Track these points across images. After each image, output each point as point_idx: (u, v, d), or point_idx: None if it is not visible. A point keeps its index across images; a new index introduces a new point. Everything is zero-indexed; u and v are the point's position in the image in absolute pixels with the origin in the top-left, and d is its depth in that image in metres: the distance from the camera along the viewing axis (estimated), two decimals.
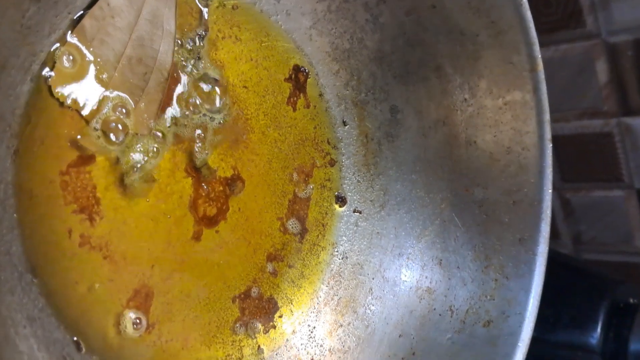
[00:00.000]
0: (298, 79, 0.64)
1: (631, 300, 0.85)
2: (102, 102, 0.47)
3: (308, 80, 0.65)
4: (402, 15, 0.62)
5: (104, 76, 0.46)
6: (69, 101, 0.45)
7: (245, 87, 0.59)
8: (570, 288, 0.88)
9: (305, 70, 0.64)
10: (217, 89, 0.57)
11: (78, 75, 0.46)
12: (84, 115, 0.46)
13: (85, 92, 0.46)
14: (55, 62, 0.45)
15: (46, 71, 0.45)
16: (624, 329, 0.82)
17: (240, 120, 0.59)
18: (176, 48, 0.51)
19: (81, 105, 0.46)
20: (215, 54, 0.57)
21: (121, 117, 0.47)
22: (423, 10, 0.61)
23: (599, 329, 0.83)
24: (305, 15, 0.62)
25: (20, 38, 0.43)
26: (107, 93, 0.46)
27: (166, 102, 0.49)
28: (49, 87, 0.45)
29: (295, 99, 0.64)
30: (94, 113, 0.47)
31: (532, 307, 0.59)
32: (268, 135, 0.62)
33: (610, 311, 0.83)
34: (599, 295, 0.85)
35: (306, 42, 0.64)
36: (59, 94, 0.45)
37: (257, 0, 0.60)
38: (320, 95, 0.66)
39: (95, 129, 0.47)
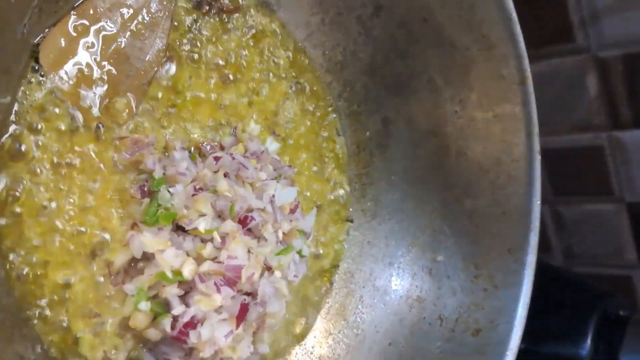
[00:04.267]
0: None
1: (621, 313, 0.85)
2: (80, 78, 0.47)
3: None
4: (395, 28, 0.63)
5: (94, 57, 0.46)
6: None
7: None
8: (561, 300, 0.88)
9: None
10: None
11: (69, 49, 0.46)
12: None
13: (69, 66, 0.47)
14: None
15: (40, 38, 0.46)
16: (614, 341, 0.83)
17: None
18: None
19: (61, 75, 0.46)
20: None
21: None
22: (415, 24, 0.62)
23: (589, 341, 0.83)
24: (299, 28, 0.63)
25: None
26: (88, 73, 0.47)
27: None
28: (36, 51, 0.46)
29: None
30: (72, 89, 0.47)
31: (521, 317, 0.60)
32: None
33: (601, 323, 0.83)
34: (589, 308, 0.85)
35: None
36: (44, 59, 0.46)
37: None
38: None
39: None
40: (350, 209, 0.69)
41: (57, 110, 0.47)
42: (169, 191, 0.49)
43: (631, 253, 1.00)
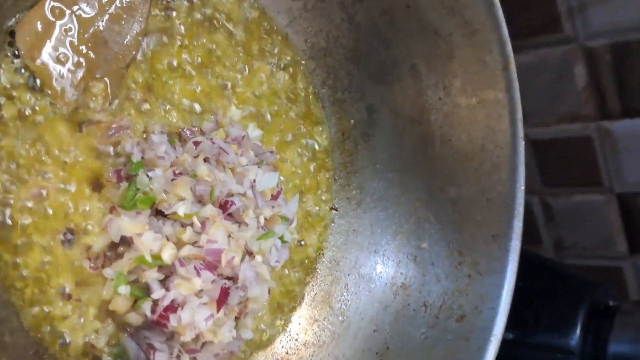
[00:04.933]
0: None
1: (610, 303, 0.85)
2: (56, 62, 0.47)
3: None
4: (377, 14, 0.63)
5: (71, 41, 0.46)
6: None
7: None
8: (550, 291, 0.88)
9: None
10: None
11: (46, 33, 0.46)
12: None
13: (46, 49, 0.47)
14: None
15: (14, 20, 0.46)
16: (603, 331, 0.82)
17: None
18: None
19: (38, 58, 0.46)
20: None
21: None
22: (398, 10, 0.62)
23: (578, 331, 0.83)
24: (281, 14, 0.63)
25: None
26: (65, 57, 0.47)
27: None
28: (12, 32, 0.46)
29: None
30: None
31: (505, 302, 0.60)
32: None
33: (590, 313, 0.83)
34: (578, 298, 0.85)
35: None
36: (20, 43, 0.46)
37: None
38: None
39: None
40: (335, 197, 0.69)
41: (32, 93, 0.47)
42: (147, 175, 0.49)
43: (621, 244, 1.00)
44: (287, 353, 0.64)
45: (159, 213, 0.50)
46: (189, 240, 0.49)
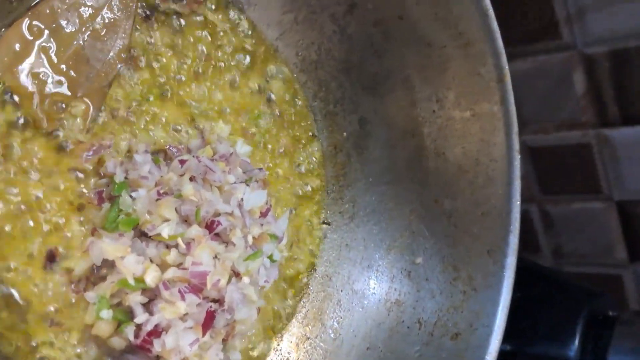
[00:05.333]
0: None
1: (610, 313, 0.85)
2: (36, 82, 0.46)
3: None
4: (370, 26, 0.62)
5: (51, 59, 0.45)
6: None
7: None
8: (548, 300, 0.88)
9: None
10: None
11: (24, 52, 0.45)
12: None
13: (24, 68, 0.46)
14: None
15: None
16: (602, 341, 0.82)
17: None
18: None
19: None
20: None
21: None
22: (390, 22, 0.61)
23: (577, 342, 0.82)
24: (271, 27, 0.62)
25: None
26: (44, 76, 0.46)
27: None
28: None
29: None
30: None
31: (500, 320, 0.59)
32: None
33: (589, 323, 0.83)
34: (577, 308, 0.84)
35: None
36: None
37: None
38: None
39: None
40: (328, 212, 0.68)
41: (10, 115, 0.46)
42: (130, 196, 0.48)
43: (621, 252, 1.00)
44: None
45: (142, 234, 0.49)
46: (173, 262, 0.48)
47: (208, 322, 0.48)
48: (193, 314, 0.47)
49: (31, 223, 0.47)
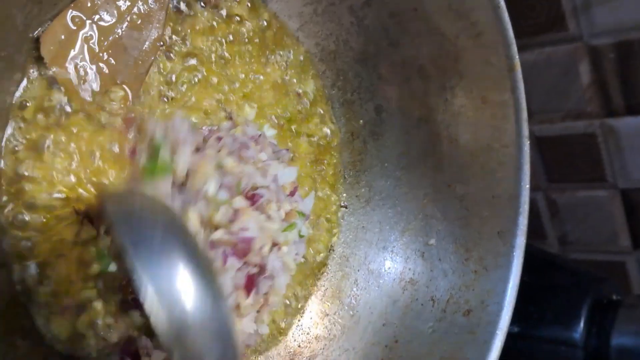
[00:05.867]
0: None
1: (614, 297, 0.86)
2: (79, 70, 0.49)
3: None
4: (386, 18, 0.64)
5: (92, 48, 0.48)
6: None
7: None
8: (555, 285, 0.89)
9: None
10: None
11: (69, 42, 0.47)
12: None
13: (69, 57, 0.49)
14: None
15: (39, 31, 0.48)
16: (607, 324, 0.83)
17: None
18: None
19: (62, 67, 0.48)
20: None
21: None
22: (405, 13, 0.63)
23: (582, 325, 0.84)
24: (292, 18, 0.65)
25: None
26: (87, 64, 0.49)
27: None
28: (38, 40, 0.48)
29: None
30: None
31: (510, 297, 0.61)
32: None
33: (593, 307, 0.84)
34: (582, 292, 0.86)
35: None
36: (45, 52, 0.47)
37: None
38: None
39: None
40: (345, 195, 0.70)
41: (56, 99, 0.49)
42: (170, 156, 0.48)
43: (625, 239, 1.01)
44: (299, 346, 0.65)
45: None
46: (219, 223, 0.48)
47: (249, 286, 0.49)
48: (231, 277, 0.49)
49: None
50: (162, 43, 0.52)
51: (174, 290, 0.36)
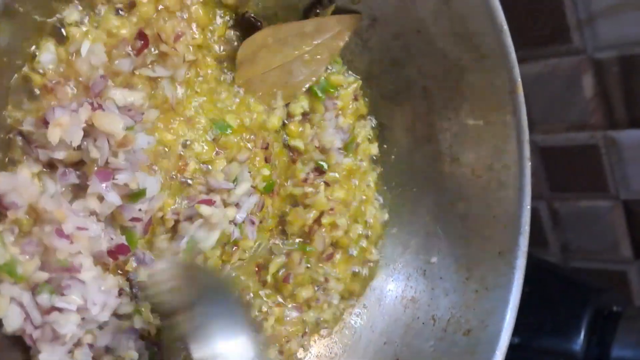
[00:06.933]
0: None
1: (614, 308, 0.87)
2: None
3: None
4: (389, 39, 0.64)
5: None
6: None
7: None
8: (555, 295, 0.90)
9: None
10: None
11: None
12: None
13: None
14: None
15: None
16: (607, 336, 0.84)
17: None
18: None
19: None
20: None
21: None
22: (409, 35, 0.63)
23: (582, 336, 0.84)
24: None
25: None
26: None
27: None
28: None
29: None
30: None
31: (510, 317, 0.62)
32: None
33: (594, 318, 0.85)
34: (582, 303, 0.86)
35: None
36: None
37: None
38: None
39: None
40: None
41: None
42: None
43: (626, 249, 1.02)
44: None
45: None
46: None
47: None
48: None
49: None
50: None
51: None
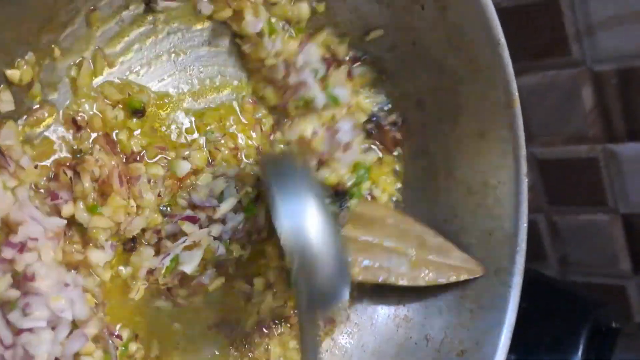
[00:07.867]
0: None
1: (613, 325, 0.86)
2: None
3: None
4: (385, 51, 0.64)
5: None
6: None
7: None
8: (553, 310, 0.89)
9: None
10: None
11: None
12: None
13: None
14: None
15: None
16: (605, 352, 0.83)
17: None
18: None
19: None
20: None
21: None
22: (404, 47, 0.63)
23: (580, 352, 0.83)
24: None
25: None
26: None
27: None
28: None
29: None
30: None
31: (505, 339, 0.61)
32: None
33: (592, 334, 0.84)
34: (581, 318, 0.85)
35: None
36: None
37: None
38: None
39: None
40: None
41: None
42: None
43: (625, 263, 1.01)
44: None
45: None
46: None
47: None
48: None
49: None
50: None
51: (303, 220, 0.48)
